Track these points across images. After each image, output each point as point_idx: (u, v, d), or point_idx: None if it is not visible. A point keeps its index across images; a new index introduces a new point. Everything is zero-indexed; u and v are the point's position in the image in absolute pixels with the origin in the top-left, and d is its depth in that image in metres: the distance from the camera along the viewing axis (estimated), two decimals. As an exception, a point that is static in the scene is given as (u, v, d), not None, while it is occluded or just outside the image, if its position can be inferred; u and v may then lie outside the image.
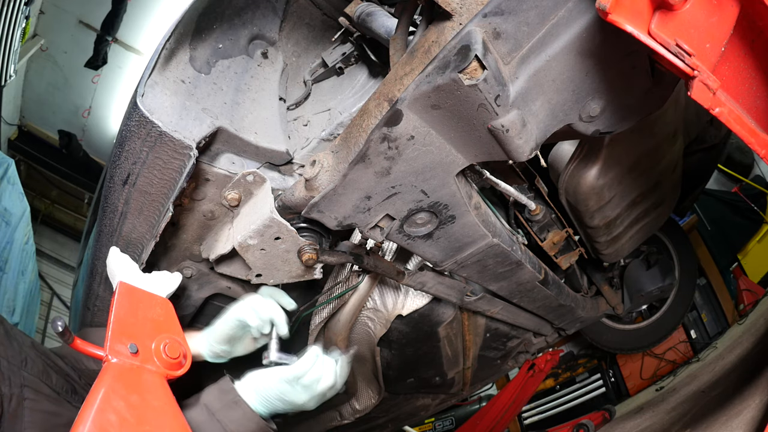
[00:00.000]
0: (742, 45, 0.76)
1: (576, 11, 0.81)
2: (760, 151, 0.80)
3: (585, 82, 0.89)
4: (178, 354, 0.97)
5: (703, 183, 2.77)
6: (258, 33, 1.42)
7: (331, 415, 2.33)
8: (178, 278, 1.22)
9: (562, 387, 5.40)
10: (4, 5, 4.36)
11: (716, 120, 0.88)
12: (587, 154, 1.50)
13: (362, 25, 1.42)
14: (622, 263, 2.89)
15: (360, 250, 1.37)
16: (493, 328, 2.27)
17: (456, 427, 5.42)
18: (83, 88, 6.40)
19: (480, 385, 2.70)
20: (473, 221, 1.20)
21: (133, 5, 5.63)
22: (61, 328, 0.81)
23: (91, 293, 1.36)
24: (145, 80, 1.06)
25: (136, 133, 1.02)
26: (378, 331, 1.96)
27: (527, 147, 0.93)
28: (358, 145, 1.03)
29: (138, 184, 1.08)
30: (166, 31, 1.12)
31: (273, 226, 1.13)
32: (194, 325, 1.61)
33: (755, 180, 4.99)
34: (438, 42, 0.95)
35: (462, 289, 1.70)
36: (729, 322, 4.43)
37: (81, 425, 0.73)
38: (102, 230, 1.21)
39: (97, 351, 0.87)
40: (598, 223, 1.71)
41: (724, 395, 2.47)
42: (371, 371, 2.16)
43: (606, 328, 3.70)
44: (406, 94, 0.89)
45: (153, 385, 0.89)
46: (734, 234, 4.77)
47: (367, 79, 1.57)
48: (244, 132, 1.23)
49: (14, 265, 4.35)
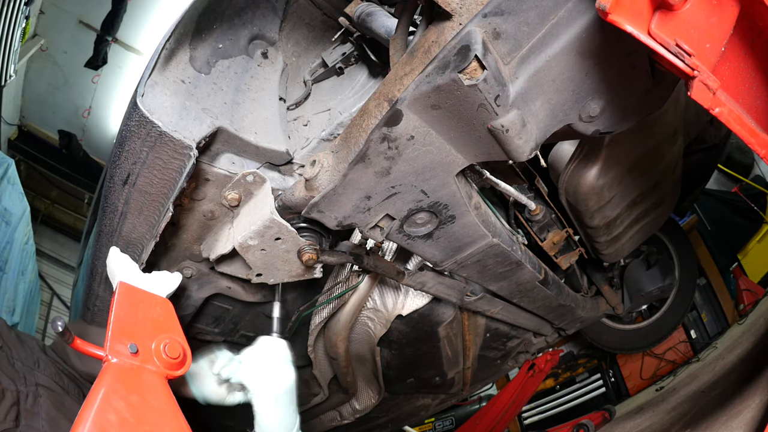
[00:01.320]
0: (742, 45, 0.75)
1: (576, 11, 0.81)
2: (760, 151, 0.80)
3: (585, 82, 0.89)
4: (178, 354, 0.97)
5: (703, 183, 2.77)
6: (258, 33, 1.42)
7: (331, 415, 2.33)
8: (178, 278, 1.22)
9: (562, 387, 5.40)
10: (4, 5, 4.36)
11: (716, 120, 0.88)
12: (587, 154, 1.50)
13: (362, 25, 1.42)
14: (622, 263, 2.89)
15: (360, 250, 1.37)
16: (493, 328, 2.27)
17: (456, 427, 5.42)
18: (83, 88, 6.40)
19: (480, 385, 2.70)
20: (473, 221, 1.20)
21: (133, 5, 5.63)
22: (61, 328, 0.81)
23: (91, 293, 1.36)
24: (145, 80, 1.06)
25: (136, 133, 1.02)
26: (378, 331, 1.96)
27: (527, 147, 0.93)
28: (358, 145, 1.03)
29: (138, 184, 1.08)
30: (166, 31, 1.12)
31: (273, 226, 1.13)
32: (194, 325, 1.61)
33: (755, 180, 4.99)
34: (438, 42, 0.95)
35: (462, 289, 1.71)
36: (729, 322, 4.43)
37: (81, 425, 0.73)
38: (102, 230, 1.21)
39: (97, 351, 0.87)
40: (598, 223, 1.71)
41: (724, 395, 2.47)
42: (371, 371, 2.16)
43: (606, 328, 3.70)
44: (406, 94, 0.89)
45: (153, 385, 0.89)
46: (734, 234, 4.77)
47: (367, 79, 1.57)
48: (244, 132, 1.23)
49: (14, 265, 4.35)
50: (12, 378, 0.91)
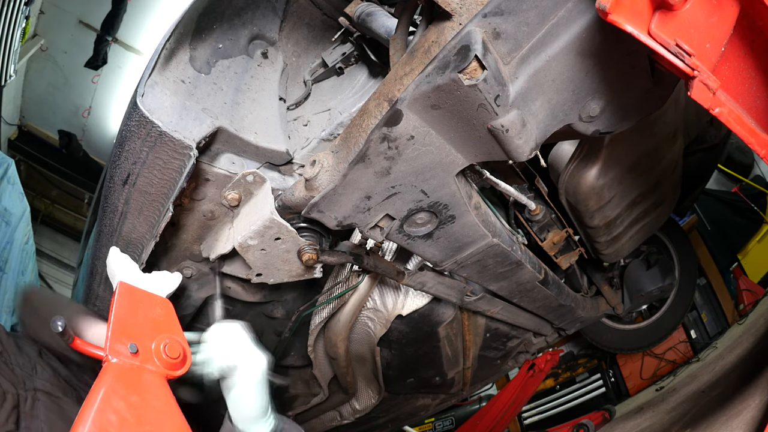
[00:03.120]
0: (742, 45, 0.76)
1: (576, 11, 0.81)
2: (760, 151, 0.80)
3: (585, 82, 0.89)
4: (178, 354, 0.97)
5: (703, 183, 2.77)
6: (258, 33, 1.42)
7: (331, 415, 2.33)
8: (178, 278, 1.22)
9: (562, 387, 5.40)
10: (4, 5, 4.36)
11: (716, 120, 0.88)
12: (587, 154, 1.50)
13: (362, 25, 1.42)
14: (622, 263, 2.89)
15: (360, 250, 1.37)
16: (493, 328, 2.27)
17: (456, 427, 5.42)
18: (83, 88, 6.39)
19: (480, 385, 2.70)
20: (473, 221, 1.20)
21: (133, 5, 5.63)
22: (61, 328, 0.81)
23: (91, 293, 1.36)
24: (145, 80, 1.06)
25: (136, 133, 1.02)
26: (378, 331, 1.96)
27: (527, 147, 0.93)
28: (358, 145, 1.03)
29: (138, 184, 1.08)
30: (166, 31, 1.12)
31: (273, 226, 1.13)
32: (194, 325, 1.61)
33: (755, 180, 4.99)
34: (438, 42, 0.95)
35: (462, 289, 1.71)
36: (729, 322, 4.43)
37: (81, 425, 0.73)
38: (102, 230, 1.21)
39: (97, 351, 0.87)
40: (598, 223, 1.71)
41: (724, 395, 2.47)
42: (371, 371, 2.16)
43: (606, 328, 3.70)
44: (406, 94, 0.89)
45: (153, 385, 0.89)
46: (734, 234, 4.76)
47: (367, 79, 1.57)
48: (244, 132, 1.23)
49: (14, 265, 4.35)
50: (12, 382, 0.93)
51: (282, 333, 1.77)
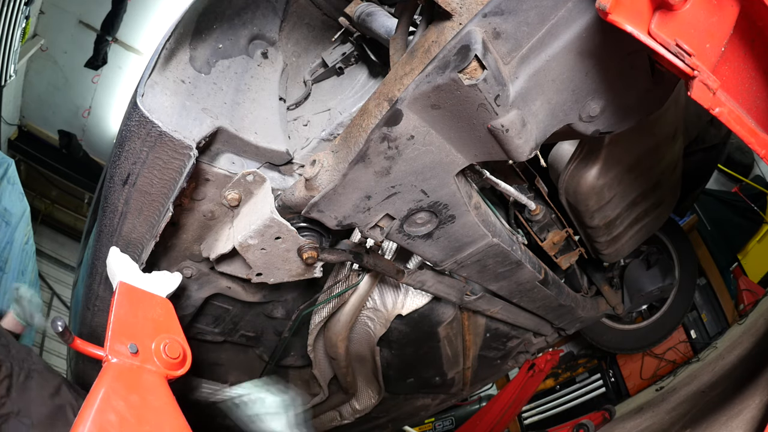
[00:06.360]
0: (742, 45, 0.75)
1: (576, 11, 0.81)
2: (760, 151, 0.80)
3: (585, 82, 0.89)
4: (178, 354, 0.97)
5: (703, 183, 2.78)
6: (258, 33, 1.42)
7: (331, 415, 2.33)
8: (178, 278, 1.22)
9: (562, 387, 5.40)
10: (4, 5, 4.36)
11: (716, 120, 0.88)
12: (587, 154, 1.50)
13: (362, 25, 1.42)
14: (622, 263, 2.89)
15: (360, 248, 1.37)
16: (493, 328, 2.27)
17: (456, 427, 5.42)
18: (83, 88, 6.40)
19: (480, 385, 2.70)
20: (473, 221, 1.20)
21: (133, 5, 5.63)
22: (61, 328, 0.81)
23: (91, 293, 1.36)
24: (145, 80, 1.06)
25: (136, 133, 1.02)
26: (378, 330, 1.96)
27: (527, 147, 0.93)
28: (358, 144, 1.03)
29: (138, 184, 1.08)
30: (166, 31, 1.12)
31: (273, 226, 1.13)
32: (194, 325, 1.61)
33: (755, 180, 4.99)
34: (438, 42, 0.95)
35: (462, 289, 1.70)
36: (729, 322, 4.43)
37: (81, 425, 0.73)
38: (102, 230, 1.21)
39: (97, 351, 0.87)
40: (598, 223, 1.71)
41: (724, 395, 2.47)
42: (371, 371, 2.16)
43: (606, 328, 3.70)
44: (406, 93, 0.89)
45: (153, 385, 0.89)
46: (734, 234, 4.77)
47: (367, 79, 1.57)
48: (244, 132, 1.23)
49: (14, 265, 4.35)
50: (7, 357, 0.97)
51: (282, 333, 1.77)
